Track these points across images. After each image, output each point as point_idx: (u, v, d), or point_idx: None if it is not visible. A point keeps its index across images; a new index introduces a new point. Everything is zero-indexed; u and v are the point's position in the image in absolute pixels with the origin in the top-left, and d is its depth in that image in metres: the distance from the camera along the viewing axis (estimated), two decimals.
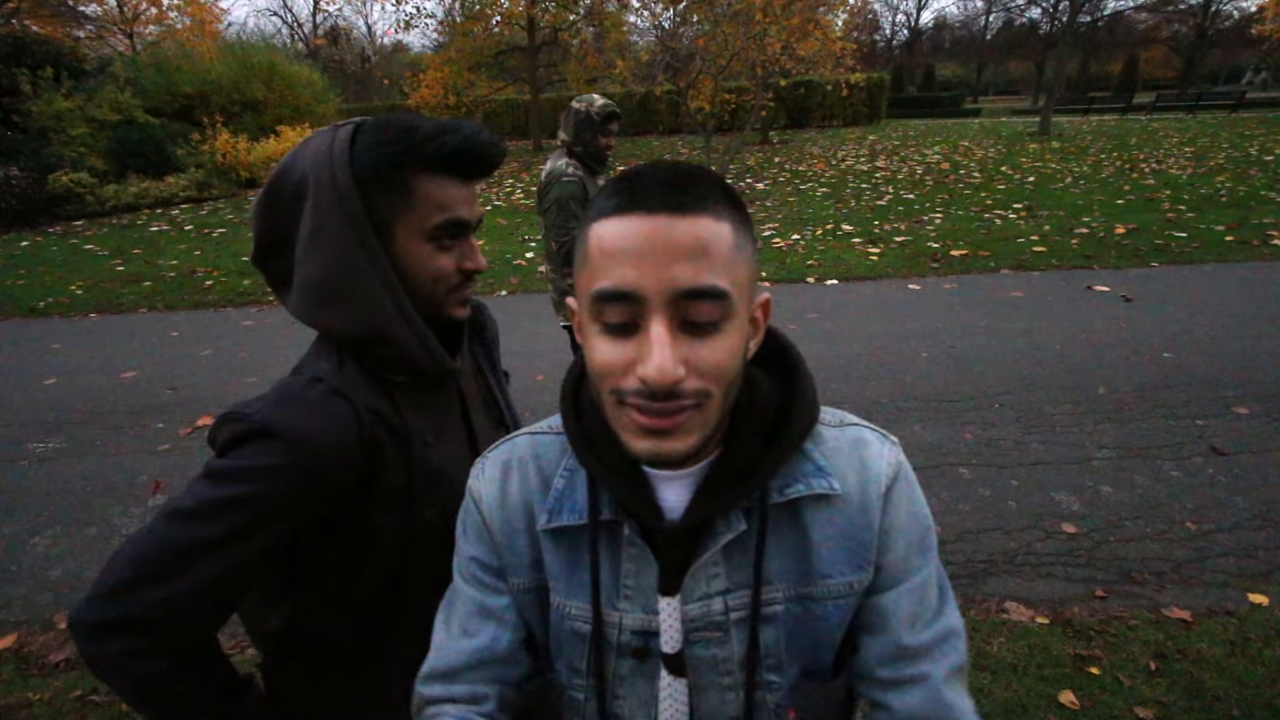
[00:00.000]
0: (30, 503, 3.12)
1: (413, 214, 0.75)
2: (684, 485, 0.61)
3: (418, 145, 0.73)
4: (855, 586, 0.61)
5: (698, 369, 0.51)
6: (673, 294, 0.49)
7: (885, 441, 0.64)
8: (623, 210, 0.51)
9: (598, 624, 0.63)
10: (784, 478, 0.60)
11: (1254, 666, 1.94)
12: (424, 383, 0.81)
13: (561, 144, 2.71)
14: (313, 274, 0.75)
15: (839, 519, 0.61)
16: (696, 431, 0.53)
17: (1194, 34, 37.06)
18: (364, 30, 41.98)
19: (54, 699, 2.06)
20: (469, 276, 0.81)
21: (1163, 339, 4.28)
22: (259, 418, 0.68)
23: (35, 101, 12.01)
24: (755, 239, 0.57)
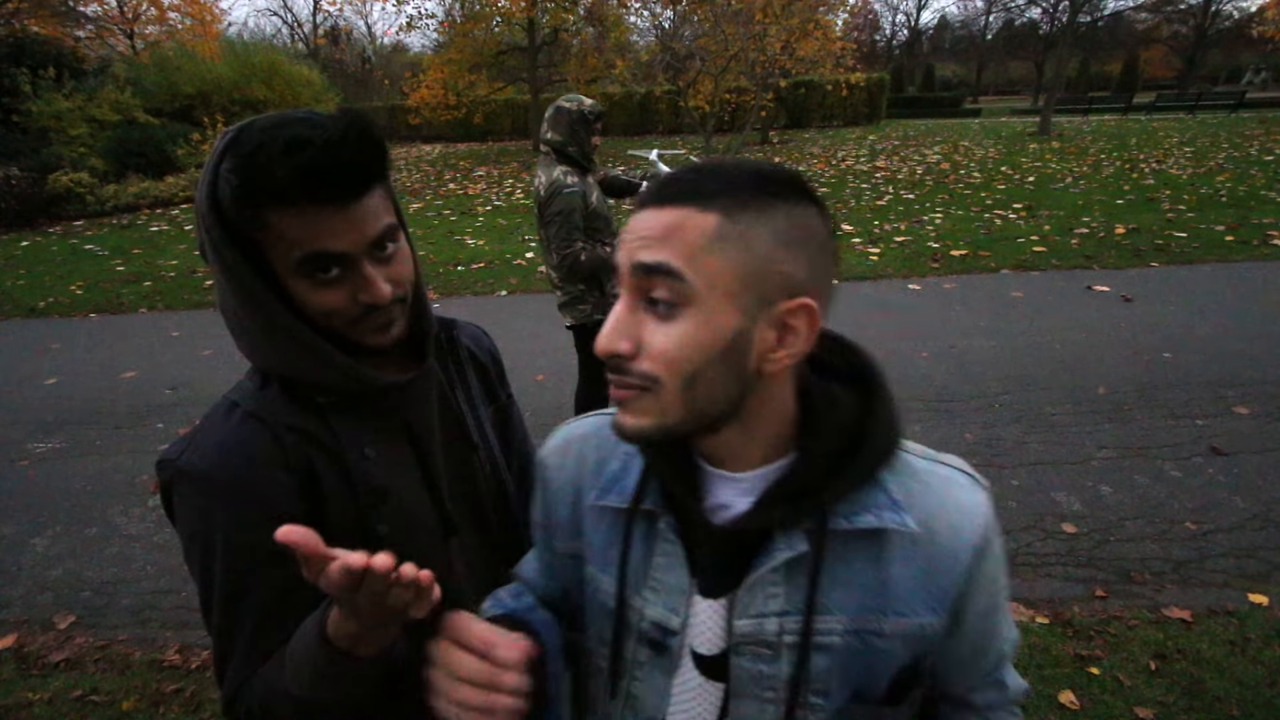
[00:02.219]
0: (30, 503, 3.12)
1: (275, 248, 0.65)
2: (744, 489, 0.60)
3: (259, 174, 0.61)
4: (927, 630, 0.59)
5: (648, 350, 0.52)
6: (630, 268, 0.52)
7: (978, 487, 0.62)
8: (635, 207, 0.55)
9: (620, 608, 0.65)
10: (852, 504, 0.58)
11: (1254, 666, 1.94)
12: (355, 400, 0.75)
13: (551, 148, 2.61)
14: (217, 298, 0.72)
15: (922, 558, 0.58)
16: (651, 415, 0.53)
17: (1194, 34, 37.05)
18: (364, 30, 42.01)
19: (54, 699, 2.06)
20: (374, 308, 0.70)
21: (1163, 339, 4.28)
22: (176, 461, 0.69)
23: (35, 101, 12.01)
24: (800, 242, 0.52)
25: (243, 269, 0.66)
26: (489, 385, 0.95)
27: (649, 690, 0.65)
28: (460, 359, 0.91)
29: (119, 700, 2.04)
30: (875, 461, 0.58)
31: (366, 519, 0.74)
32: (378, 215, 0.68)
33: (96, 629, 2.35)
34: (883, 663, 0.60)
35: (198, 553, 0.69)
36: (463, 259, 7.34)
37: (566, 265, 2.61)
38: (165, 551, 2.73)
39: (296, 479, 0.70)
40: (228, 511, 0.68)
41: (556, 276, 2.78)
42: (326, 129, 0.62)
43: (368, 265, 0.68)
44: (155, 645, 2.26)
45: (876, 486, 0.58)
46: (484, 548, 0.89)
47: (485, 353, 0.97)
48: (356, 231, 0.66)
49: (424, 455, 0.81)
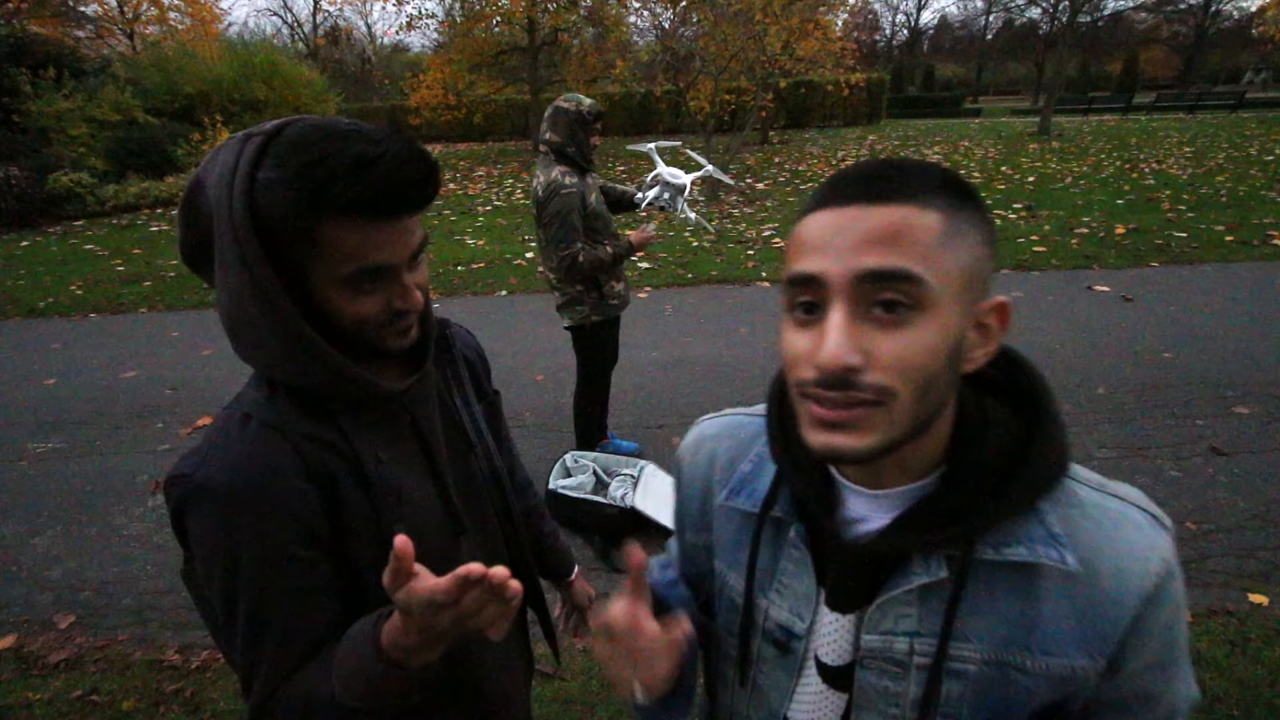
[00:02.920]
0: (30, 503, 3.12)
1: (321, 262, 0.66)
2: (880, 506, 0.57)
3: (320, 188, 0.62)
4: (1078, 672, 0.54)
5: (880, 361, 0.48)
6: (855, 276, 0.47)
7: (1158, 529, 0.56)
8: (822, 204, 0.51)
9: (748, 606, 0.65)
10: (1004, 534, 0.54)
11: (1254, 666, 1.94)
12: (364, 407, 0.76)
13: (550, 148, 2.60)
14: (223, 309, 0.71)
15: (1081, 598, 0.54)
16: (878, 432, 0.49)
17: (1194, 34, 37.05)
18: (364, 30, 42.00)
19: (54, 699, 2.06)
20: (402, 314, 0.73)
21: (1163, 339, 4.28)
22: (192, 477, 0.67)
23: (35, 101, 12.00)
24: (990, 240, 0.53)
25: (273, 281, 0.65)
26: (478, 383, 0.97)
27: (773, 686, 0.66)
28: (455, 358, 0.92)
29: (119, 700, 2.04)
30: (1035, 490, 0.53)
31: (383, 520, 0.75)
32: (417, 229, 0.71)
33: (96, 629, 2.35)
34: (1023, 697, 0.56)
35: (219, 570, 0.69)
36: (463, 259, 7.34)
37: (565, 266, 2.60)
38: (165, 551, 2.73)
39: (318, 489, 0.71)
40: (253, 526, 0.68)
41: (554, 277, 2.78)
42: (387, 146, 0.63)
43: (405, 275, 0.70)
44: (155, 645, 2.26)
45: (1034, 517, 0.54)
46: (486, 545, 0.91)
47: (473, 351, 0.98)
48: (403, 245, 0.68)
49: (431, 454, 0.82)
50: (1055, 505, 0.55)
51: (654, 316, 5.22)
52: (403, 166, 0.64)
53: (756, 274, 6.28)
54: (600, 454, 3.00)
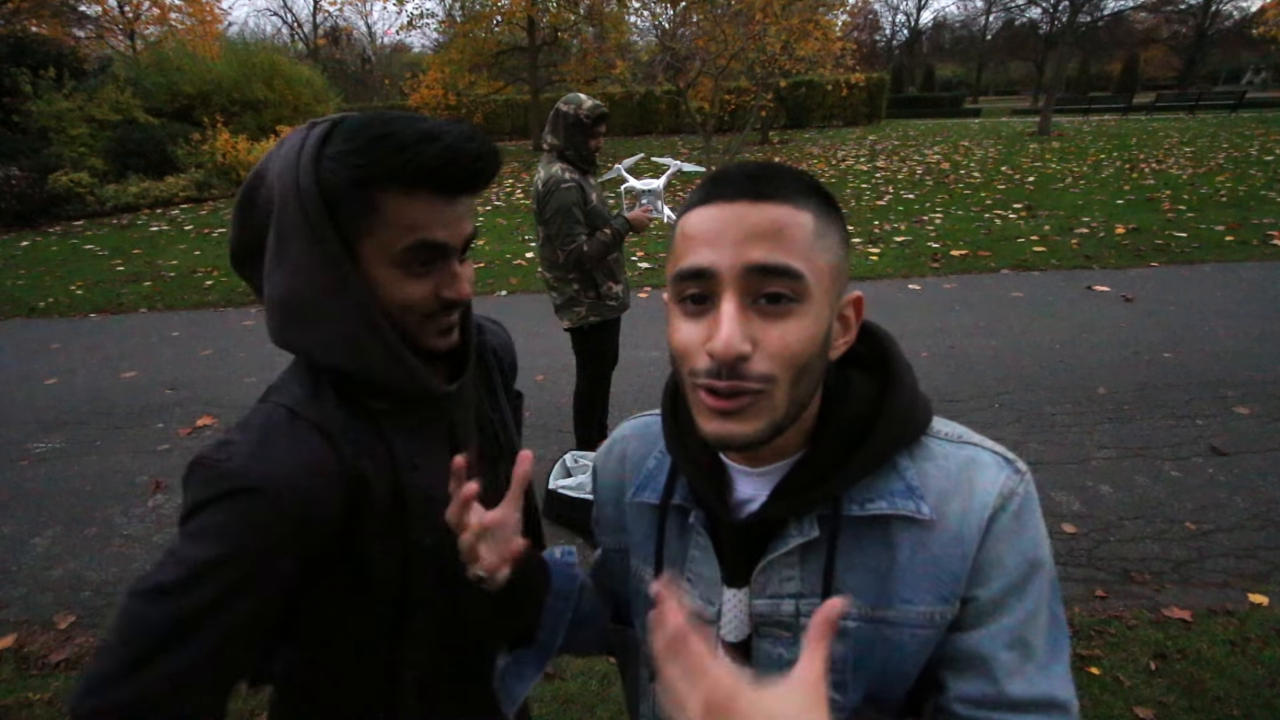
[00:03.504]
0: (30, 503, 3.12)
1: (379, 234, 0.66)
2: (763, 483, 0.61)
3: (388, 156, 0.63)
4: (936, 619, 0.57)
5: (766, 349, 0.52)
6: (744, 269, 0.51)
7: (1004, 467, 0.58)
8: (706, 200, 0.54)
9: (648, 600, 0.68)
10: (867, 491, 0.58)
11: (1254, 666, 1.94)
12: (410, 407, 0.75)
13: (551, 148, 2.62)
14: (279, 291, 0.69)
15: (933, 544, 0.56)
16: (763, 418, 0.53)
17: (1194, 34, 37.04)
18: (364, 30, 42.00)
19: (54, 699, 2.06)
20: (449, 305, 0.71)
21: (1163, 339, 4.28)
22: (233, 469, 0.63)
23: (35, 101, 12.00)
24: (846, 238, 0.58)
25: (342, 253, 0.66)
26: (508, 385, 0.97)
27: None
28: (488, 365, 0.91)
29: None
30: (887, 448, 0.57)
31: (412, 530, 0.74)
32: (472, 216, 0.71)
33: (96, 629, 2.35)
34: (896, 659, 0.58)
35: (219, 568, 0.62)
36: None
37: (572, 260, 2.60)
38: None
39: (348, 493, 0.69)
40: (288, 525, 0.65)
41: (551, 277, 2.78)
42: (452, 125, 0.66)
43: (457, 262, 0.70)
44: None
45: (894, 472, 0.58)
46: None
47: (508, 355, 0.97)
48: (459, 227, 0.69)
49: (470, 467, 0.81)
50: (914, 460, 0.59)
51: (654, 316, 5.22)
52: (467, 142, 0.65)
53: None
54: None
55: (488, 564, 0.65)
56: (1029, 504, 0.57)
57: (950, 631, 0.57)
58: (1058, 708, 0.55)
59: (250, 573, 0.64)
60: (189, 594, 0.62)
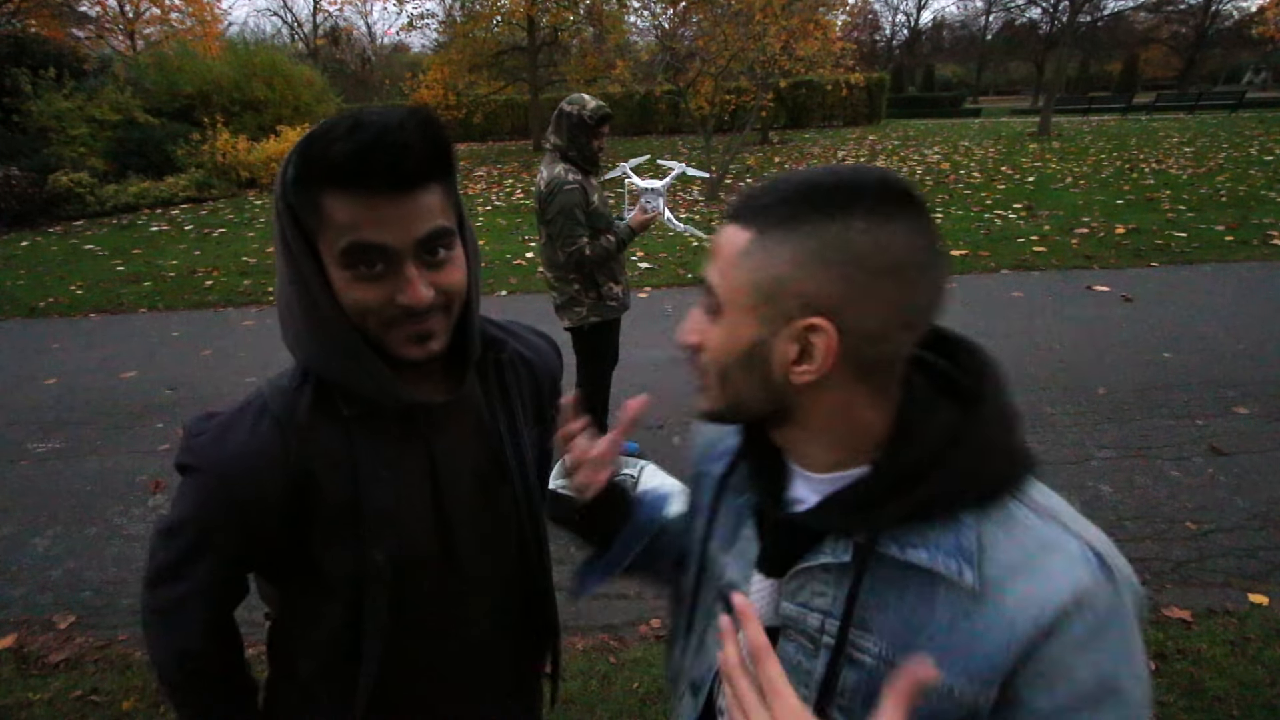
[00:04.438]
0: (30, 503, 3.12)
1: (325, 236, 0.65)
2: (817, 489, 0.60)
3: (316, 152, 0.62)
4: (956, 695, 0.52)
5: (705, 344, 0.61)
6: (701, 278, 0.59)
7: (1091, 564, 0.51)
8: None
9: (704, 557, 0.72)
10: (915, 535, 0.53)
11: (1254, 666, 1.94)
12: (382, 415, 0.73)
13: (554, 148, 2.62)
14: (276, 287, 0.72)
15: (978, 619, 0.51)
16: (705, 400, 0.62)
17: (1194, 34, 37.05)
18: (364, 30, 41.99)
19: (54, 699, 2.06)
20: (411, 312, 0.67)
21: (1163, 339, 4.28)
22: (193, 446, 0.72)
23: (35, 101, 12.00)
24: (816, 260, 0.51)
25: (302, 253, 0.66)
26: (540, 406, 0.91)
27: (715, 642, 0.69)
28: (506, 382, 0.85)
29: (119, 700, 2.04)
30: (945, 500, 0.53)
31: (364, 544, 0.73)
32: (431, 215, 0.65)
33: (96, 629, 2.35)
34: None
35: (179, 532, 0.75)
36: None
37: (574, 261, 2.61)
38: None
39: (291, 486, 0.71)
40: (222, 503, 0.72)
41: (552, 276, 2.78)
42: (390, 115, 0.62)
43: (411, 265, 0.65)
44: None
45: (952, 527, 0.53)
46: (493, 579, 0.86)
47: (546, 371, 0.92)
48: (404, 226, 0.64)
49: (441, 486, 0.78)
50: (984, 521, 0.53)
51: (654, 316, 5.22)
52: (394, 132, 0.60)
53: None
54: None
55: (577, 482, 0.76)
56: (1115, 618, 0.50)
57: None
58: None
59: (202, 538, 0.74)
60: (171, 544, 0.76)
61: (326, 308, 0.67)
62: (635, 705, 1.95)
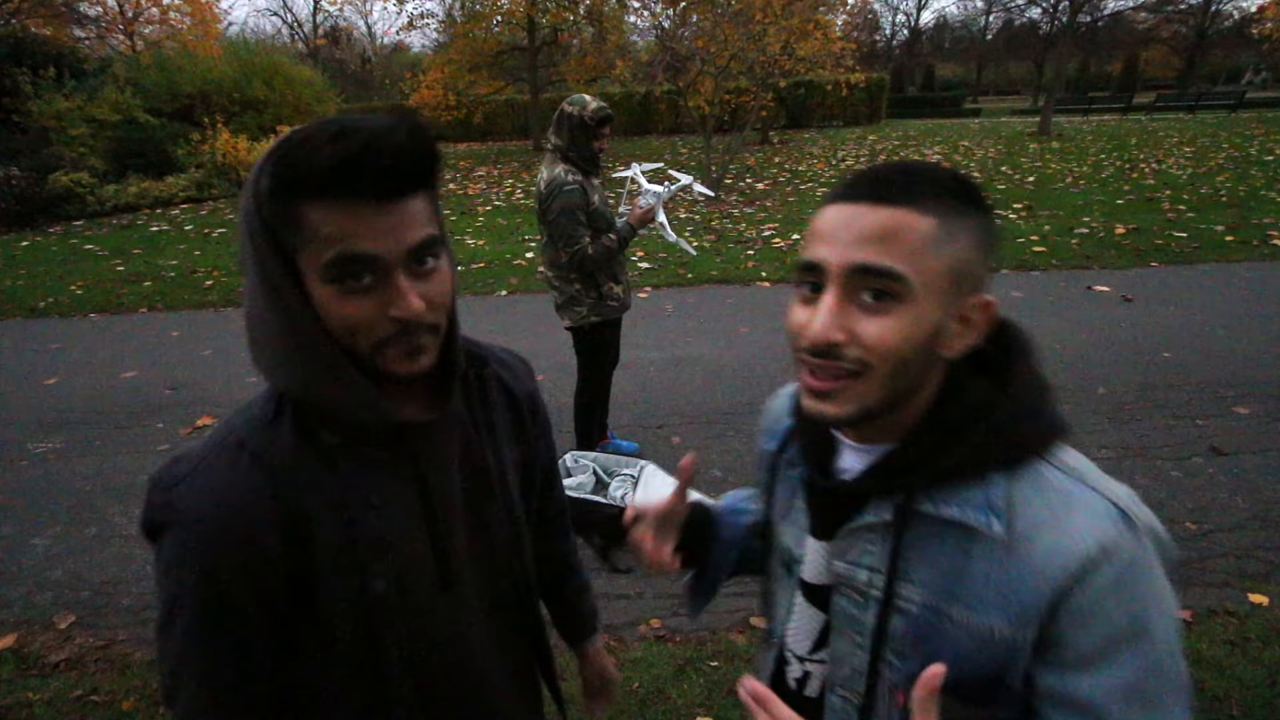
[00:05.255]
0: (30, 503, 3.12)
1: (308, 249, 0.61)
2: (864, 459, 0.66)
3: (298, 161, 0.58)
4: (997, 634, 0.57)
5: (861, 340, 0.56)
6: (849, 267, 0.56)
7: (1116, 519, 0.56)
8: (836, 199, 0.59)
9: (768, 528, 0.80)
10: (949, 494, 0.59)
11: (1254, 666, 1.95)
12: (368, 439, 0.70)
13: (554, 149, 2.62)
14: (245, 306, 0.66)
15: (1010, 567, 0.57)
16: (854, 402, 0.58)
17: (1194, 34, 37.04)
18: (364, 30, 42.00)
19: (54, 699, 2.06)
20: (409, 327, 0.64)
21: (1163, 339, 4.28)
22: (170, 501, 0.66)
23: (35, 101, 12.01)
24: (987, 240, 0.59)
25: (278, 268, 0.62)
26: (520, 425, 0.89)
27: (779, 603, 0.79)
28: (489, 400, 0.83)
29: (119, 700, 2.04)
30: (976, 458, 0.59)
31: (365, 573, 0.70)
32: (419, 223, 0.63)
33: (96, 629, 2.35)
34: (952, 649, 0.60)
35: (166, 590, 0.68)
36: (463, 259, 7.34)
37: (576, 261, 2.61)
38: None
39: (283, 535, 0.67)
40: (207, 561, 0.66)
41: (552, 275, 2.78)
42: (377, 120, 0.59)
43: (401, 276, 0.62)
44: (155, 645, 2.26)
45: (981, 485, 0.58)
46: (486, 600, 0.84)
47: (523, 390, 0.90)
48: (394, 236, 0.61)
49: (433, 507, 0.75)
50: (1012, 479, 0.59)
51: (654, 316, 5.22)
52: (382, 138, 0.58)
53: (756, 274, 6.29)
54: (600, 454, 3.00)
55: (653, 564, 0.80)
56: (1138, 566, 0.55)
57: (1049, 669, 0.56)
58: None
59: (205, 605, 0.67)
60: (174, 632, 0.68)
61: (307, 327, 0.63)
62: (635, 705, 1.95)
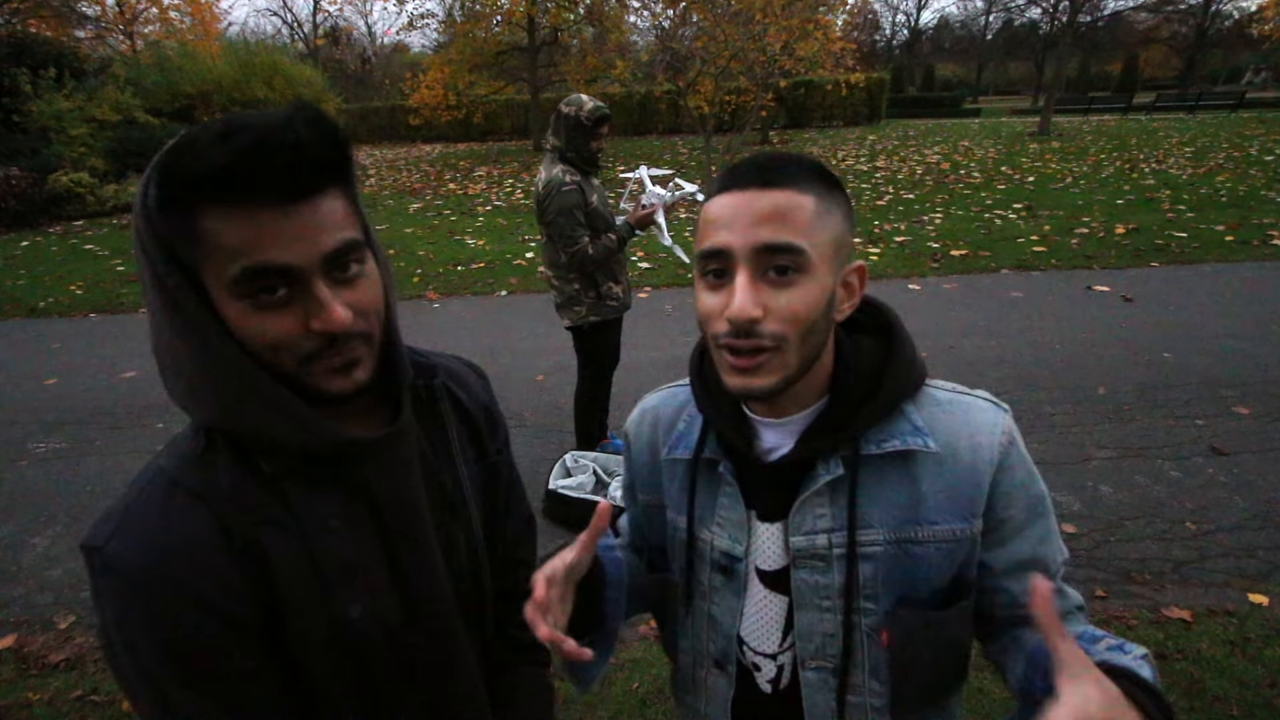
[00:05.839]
0: (30, 503, 3.12)
1: (210, 263, 0.54)
2: (785, 433, 0.70)
3: (184, 166, 0.52)
4: (958, 534, 0.68)
5: (776, 314, 0.61)
6: (754, 248, 0.60)
7: (998, 410, 0.71)
8: (723, 189, 0.64)
9: (691, 540, 0.78)
10: (881, 433, 0.68)
11: (1254, 666, 1.94)
12: (314, 462, 0.64)
13: (553, 149, 2.62)
14: (150, 335, 0.61)
15: (947, 474, 0.68)
16: (777, 373, 0.63)
17: (1194, 34, 37.04)
18: (364, 30, 42.00)
19: (54, 699, 2.06)
20: (336, 339, 0.58)
21: (1163, 339, 4.28)
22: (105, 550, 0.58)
23: (36, 101, 12.01)
24: (849, 215, 0.67)
25: (180, 289, 0.55)
26: (478, 440, 0.82)
27: (724, 611, 0.77)
28: (440, 412, 0.77)
29: (119, 700, 2.04)
30: (896, 396, 0.68)
31: (333, 597, 0.64)
32: (335, 225, 0.57)
33: (96, 629, 2.35)
34: (923, 570, 0.69)
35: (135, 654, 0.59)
36: (463, 259, 7.34)
37: (577, 261, 2.61)
38: None
39: (241, 571, 0.61)
40: (164, 612, 0.58)
41: (553, 275, 2.78)
42: (271, 115, 0.53)
43: (321, 285, 0.56)
44: None
45: (901, 417, 0.69)
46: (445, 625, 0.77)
47: (476, 403, 0.83)
48: (305, 241, 0.55)
49: (390, 532, 0.69)
50: (918, 406, 0.70)
51: (654, 316, 5.22)
52: (277, 133, 0.52)
53: None
54: (600, 454, 3.00)
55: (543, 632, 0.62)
56: (1020, 440, 0.71)
57: (995, 549, 0.70)
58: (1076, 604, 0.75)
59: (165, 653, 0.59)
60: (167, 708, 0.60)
61: (224, 349, 0.56)
62: (635, 705, 1.95)
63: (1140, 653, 0.62)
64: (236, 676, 0.62)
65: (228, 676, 0.61)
